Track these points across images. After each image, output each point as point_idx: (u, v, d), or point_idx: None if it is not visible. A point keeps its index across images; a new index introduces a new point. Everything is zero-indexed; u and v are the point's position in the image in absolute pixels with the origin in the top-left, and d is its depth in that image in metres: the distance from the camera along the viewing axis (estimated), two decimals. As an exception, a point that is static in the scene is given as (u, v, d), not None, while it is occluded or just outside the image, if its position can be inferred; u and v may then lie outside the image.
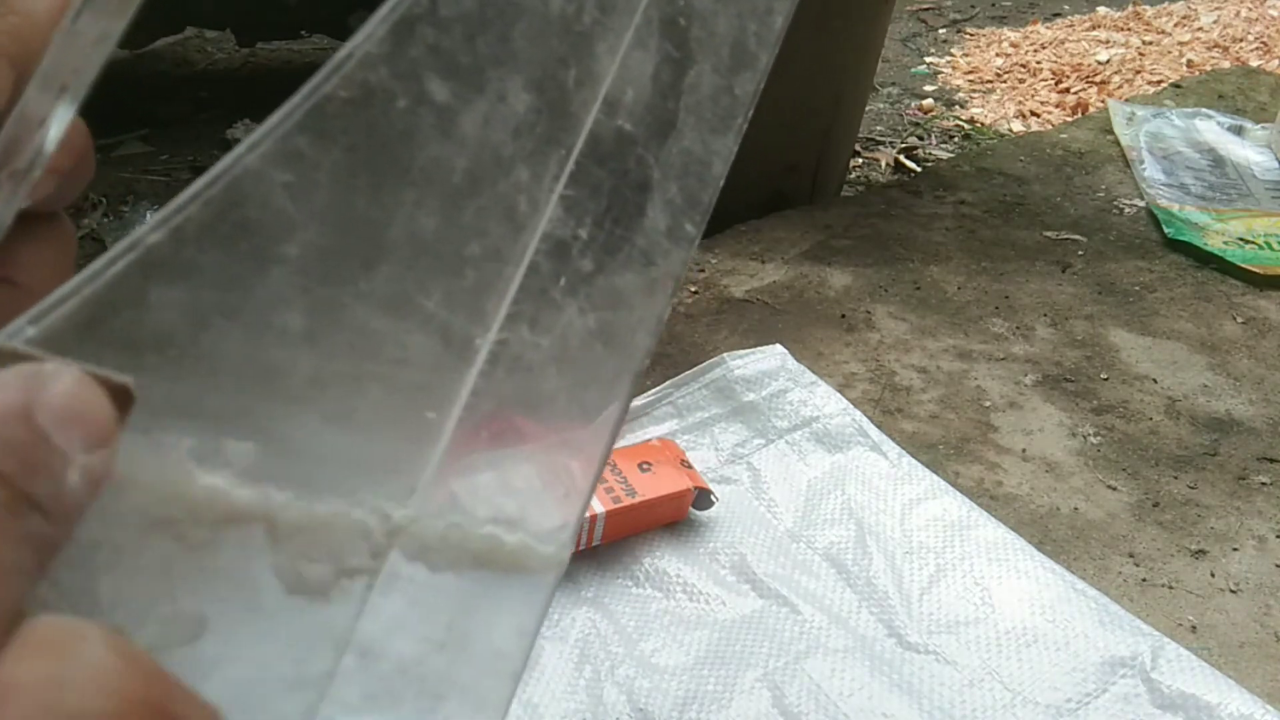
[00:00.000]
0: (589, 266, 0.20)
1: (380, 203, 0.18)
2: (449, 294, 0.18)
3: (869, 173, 1.53)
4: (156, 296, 0.16)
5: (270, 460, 0.17)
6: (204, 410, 0.16)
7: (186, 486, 0.16)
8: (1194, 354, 0.92)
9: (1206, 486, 0.76)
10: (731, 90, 0.22)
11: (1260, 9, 2.08)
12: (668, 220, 0.21)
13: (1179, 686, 0.57)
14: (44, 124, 0.17)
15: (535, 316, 0.20)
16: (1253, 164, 1.30)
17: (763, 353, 0.82)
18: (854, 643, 0.60)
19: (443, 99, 0.18)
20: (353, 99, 0.17)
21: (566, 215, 0.20)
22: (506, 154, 0.19)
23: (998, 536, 0.68)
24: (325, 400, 0.18)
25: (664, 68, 0.21)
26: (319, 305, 0.17)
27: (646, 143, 0.21)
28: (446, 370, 0.19)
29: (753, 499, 0.71)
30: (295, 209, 0.17)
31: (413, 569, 0.18)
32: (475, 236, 0.19)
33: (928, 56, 2.01)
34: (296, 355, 0.17)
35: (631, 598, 0.63)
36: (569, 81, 0.20)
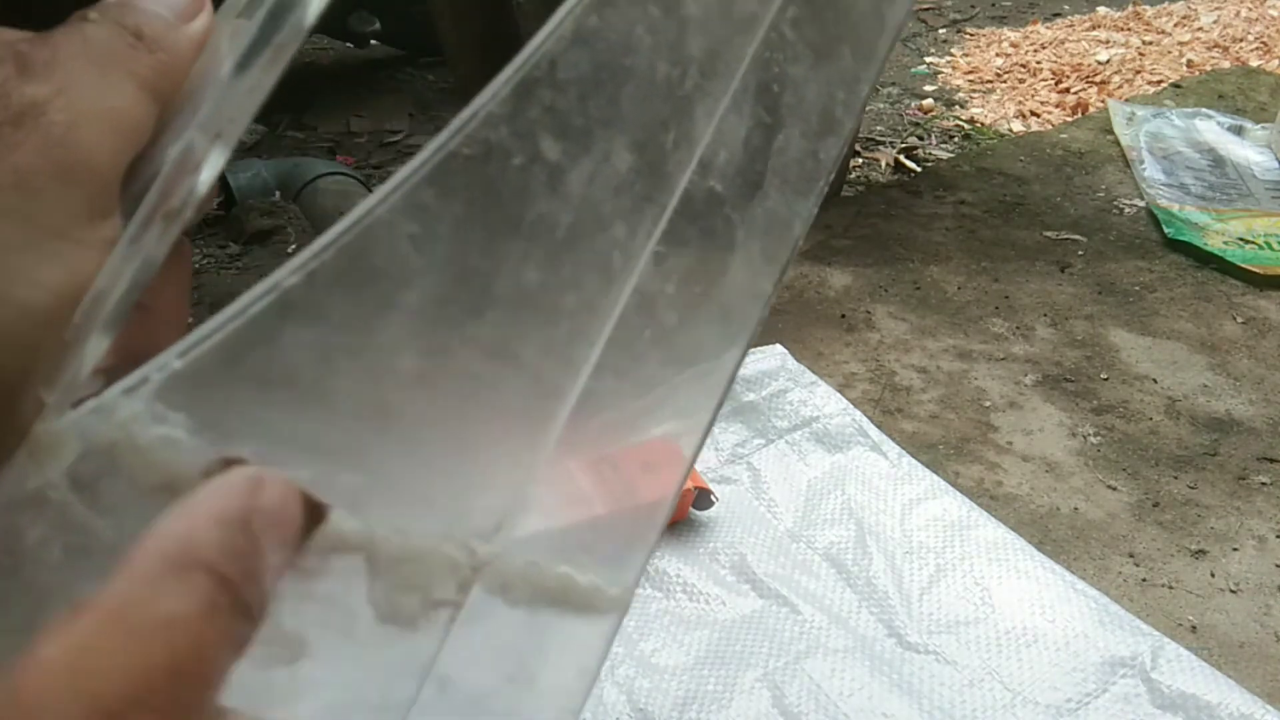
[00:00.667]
0: (673, 320, 0.21)
1: (491, 254, 0.18)
2: (545, 343, 0.19)
3: (869, 173, 1.53)
4: (289, 336, 0.17)
5: (376, 494, 0.18)
6: (322, 444, 0.17)
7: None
8: (1194, 354, 0.92)
9: (1206, 486, 0.76)
10: (816, 155, 0.23)
11: (1260, 9, 2.09)
12: (747, 278, 0.22)
13: (1179, 686, 0.57)
14: (199, 169, 0.17)
15: (621, 366, 0.20)
16: (1253, 164, 1.30)
17: (763, 353, 0.82)
18: (854, 643, 0.60)
19: (554, 158, 0.19)
20: (474, 156, 0.18)
21: (656, 270, 0.21)
22: (606, 211, 0.20)
23: (998, 536, 0.68)
24: (430, 439, 0.19)
25: (756, 132, 0.22)
26: (430, 349, 0.18)
27: (734, 203, 0.22)
28: (537, 415, 0.19)
29: (753, 499, 0.71)
30: (417, 258, 0.17)
31: (492, 604, 0.19)
32: (572, 289, 0.19)
33: (928, 56, 2.01)
34: (408, 395, 0.18)
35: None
36: (668, 143, 0.20)
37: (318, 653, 0.17)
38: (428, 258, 0.18)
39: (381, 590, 0.18)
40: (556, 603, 0.20)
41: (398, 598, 0.18)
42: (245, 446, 0.16)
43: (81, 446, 0.16)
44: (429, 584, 0.18)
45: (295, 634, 0.17)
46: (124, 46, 0.18)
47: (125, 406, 0.15)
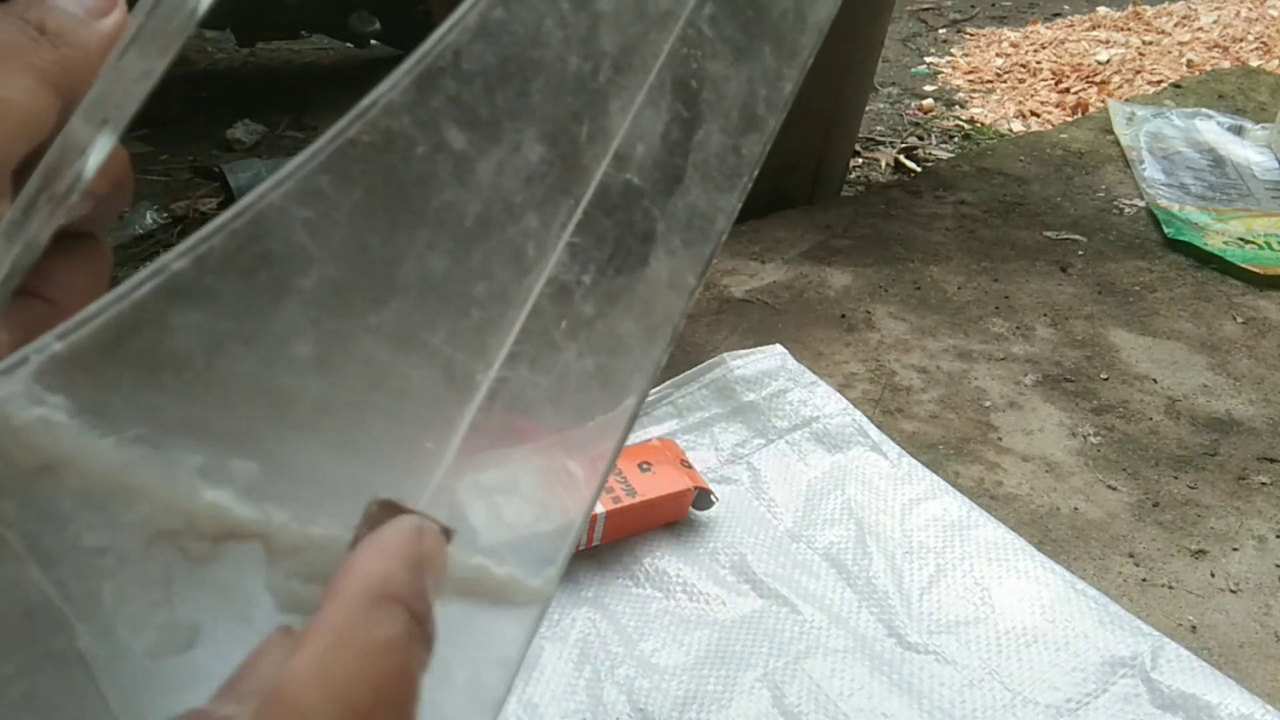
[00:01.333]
0: (590, 311, 0.21)
1: (394, 242, 0.18)
2: (454, 331, 0.19)
3: (869, 173, 1.53)
4: (177, 320, 0.16)
5: (273, 481, 0.18)
6: (214, 430, 0.17)
7: (191, 501, 0.17)
8: (1194, 354, 0.92)
9: (1206, 486, 0.76)
10: (739, 150, 0.23)
11: (1260, 9, 2.08)
12: (669, 271, 0.22)
13: (1179, 686, 0.57)
14: (85, 153, 0.17)
15: (536, 356, 0.20)
16: (1253, 164, 1.30)
17: (763, 353, 0.82)
18: (854, 643, 0.60)
19: (460, 147, 0.19)
20: (374, 144, 0.18)
21: (572, 261, 0.20)
22: (517, 201, 0.20)
23: (998, 536, 0.68)
24: (330, 427, 0.18)
25: (674, 126, 0.22)
26: (329, 336, 0.18)
27: (653, 196, 0.22)
28: (447, 404, 0.19)
29: (753, 499, 0.71)
30: (314, 244, 0.17)
31: None
32: (483, 278, 0.19)
33: (928, 56, 2.01)
34: (305, 383, 0.18)
35: (631, 598, 0.63)
36: (582, 136, 0.20)
37: (212, 640, 0.17)
38: (325, 244, 0.17)
39: (280, 578, 0.18)
40: (471, 594, 0.20)
41: (297, 586, 0.18)
42: (130, 430, 0.16)
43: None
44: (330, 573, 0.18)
45: (188, 621, 0.17)
46: (25, 40, 0.18)
47: (1, 387, 0.15)
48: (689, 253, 0.22)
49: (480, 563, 0.20)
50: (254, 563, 0.17)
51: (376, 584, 0.16)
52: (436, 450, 0.19)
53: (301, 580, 0.18)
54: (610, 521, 0.64)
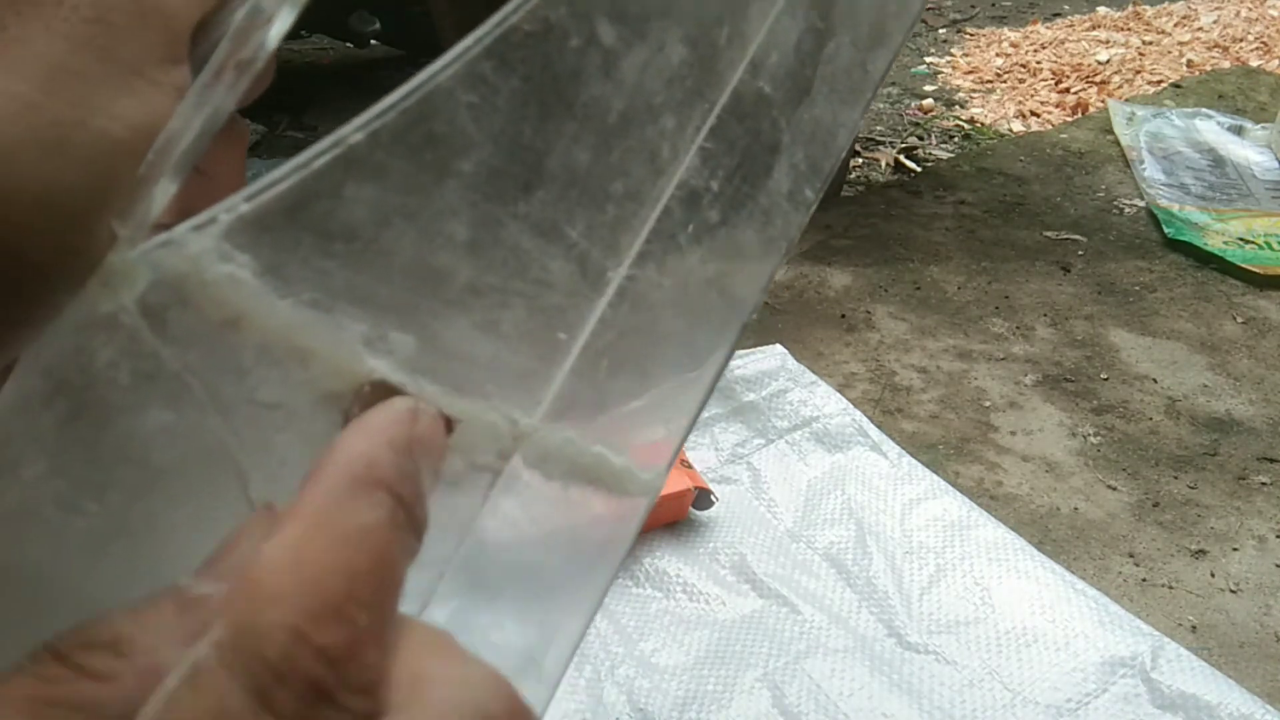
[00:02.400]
0: (715, 218, 0.21)
1: (545, 133, 0.19)
2: (591, 226, 0.20)
3: (869, 173, 1.53)
4: (351, 191, 0.17)
5: (425, 354, 0.18)
6: (377, 300, 0.18)
7: (355, 366, 0.18)
8: (1194, 354, 0.92)
9: (1206, 486, 0.76)
10: (865, 66, 0.23)
11: (1260, 9, 2.09)
12: (790, 183, 0.23)
13: (1179, 686, 0.57)
14: (270, 23, 0.18)
15: (663, 258, 0.21)
16: (1253, 164, 1.30)
17: (763, 353, 0.82)
18: (854, 643, 0.60)
19: (610, 42, 0.19)
20: (534, 33, 0.18)
21: (703, 166, 0.21)
22: (657, 101, 0.20)
23: (998, 536, 0.68)
24: (477, 308, 0.19)
25: (807, 37, 0.22)
26: (483, 220, 0.19)
27: (782, 107, 0.22)
28: (580, 297, 0.20)
29: (753, 499, 0.71)
30: (475, 129, 0.18)
31: (530, 474, 0.20)
32: (620, 175, 0.20)
33: (928, 56, 2.01)
34: (459, 263, 0.19)
35: (631, 598, 0.63)
36: (721, 39, 0.21)
37: None
38: (484, 129, 0.18)
39: None
40: (591, 479, 0.20)
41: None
42: (305, 293, 0.17)
43: (152, 277, 0.16)
44: (473, 448, 0.19)
45: None
46: None
47: (195, 242, 0.16)
48: (809, 166, 0.23)
49: (600, 451, 0.21)
50: None
51: (359, 466, 0.15)
52: (568, 340, 0.20)
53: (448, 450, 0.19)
54: (610, 521, 0.64)
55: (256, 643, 0.14)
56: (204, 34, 0.18)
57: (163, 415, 0.17)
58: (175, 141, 0.17)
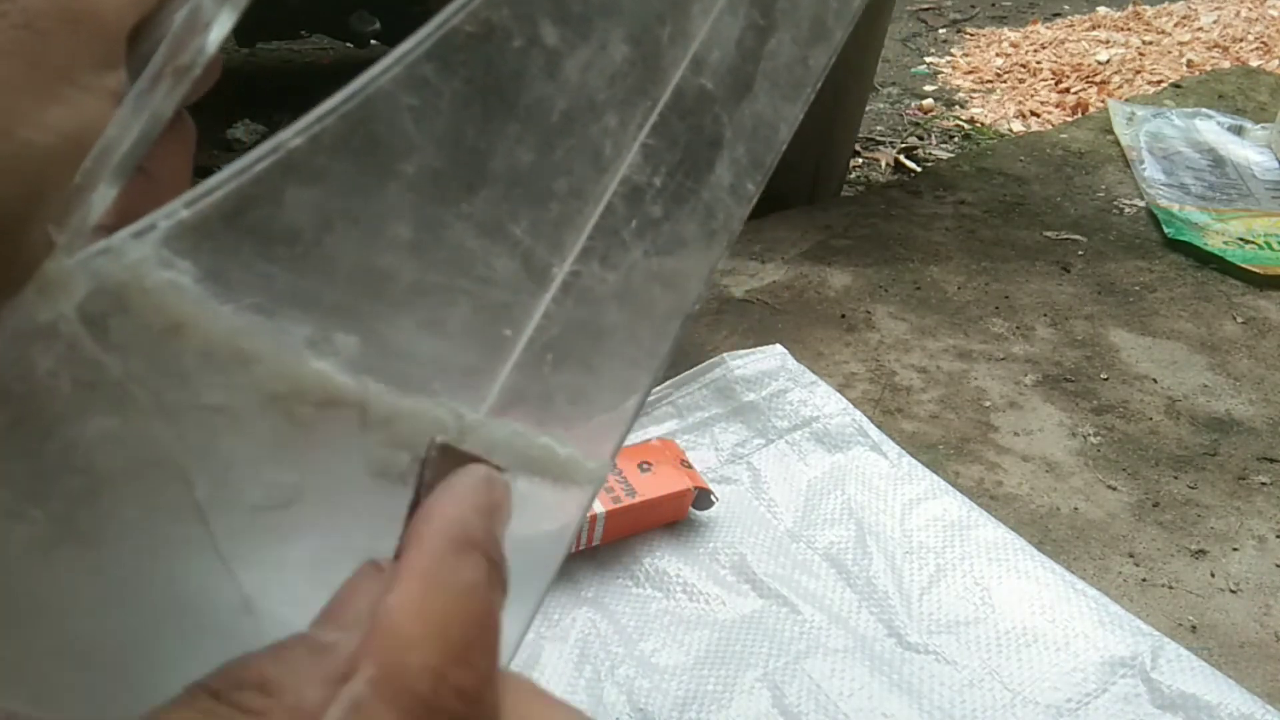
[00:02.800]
0: (658, 212, 0.22)
1: (488, 134, 0.19)
2: (535, 223, 0.20)
3: (869, 173, 1.53)
4: (292, 195, 0.17)
5: (370, 354, 0.19)
6: (320, 303, 0.18)
7: (299, 368, 0.18)
8: (1194, 354, 0.92)
9: (1206, 486, 0.76)
10: (806, 61, 0.24)
11: (1260, 9, 2.09)
12: (732, 177, 0.23)
13: (1179, 686, 0.57)
14: (208, 28, 0.18)
15: (606, 253, 0.21)
16: (1253, 164, 1.30)
17: (763, 353, 0.82)
18: (854, 643, 0.60)
19: (552, 43, 0.19)
20: (475, 34, 0.18)
21: (645, 163, 0.21)
22: (600, 99, 0.20)
23: (998, 536, 0.68)
24: (422, 307, 0.19)
25: (749, 33, 0.22)
26: (426, 221, 0.19)
27: (724, 102, 0.22)
28: (525, 293, 0.20)
29: (753, 499, 0.71)
30: (417, 131, 0.18)
31: None
32: (564, 173, 0.20)
33: (928, 56, 2.01)
34: (402, 263, 0.19)
35: (631, 598, 0.63)
36: (664, 37, 0.21)
37: (311, 498, 0.19)
38: (426, 131, 0.18)
39: (373, 444, 0.19)
40: (537, 470, 0.21)
41: (388, 453, 0.19)
42: (246, 298, 0.17)
43: (91, 285, 0.16)
44: (419, 443, 0.19)
45: (291, 480, 0.18)
46: None
47: (134, 249, 0.16)
48: (751, 160, 0.23)
49: (546, 443, 0.21)
50: (351, 430, 0.19)
51: (456, 529, 0.17)
52: (513, 336, 0.20)
53: (391, 447, 0.19)
54: (610, 521, 0.64)
55: (407, 680, 0.15)
56: (144, 34, 0.18)
57: (106, 422, 0.17)
58: (113, 147, 0.17)
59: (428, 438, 0.19)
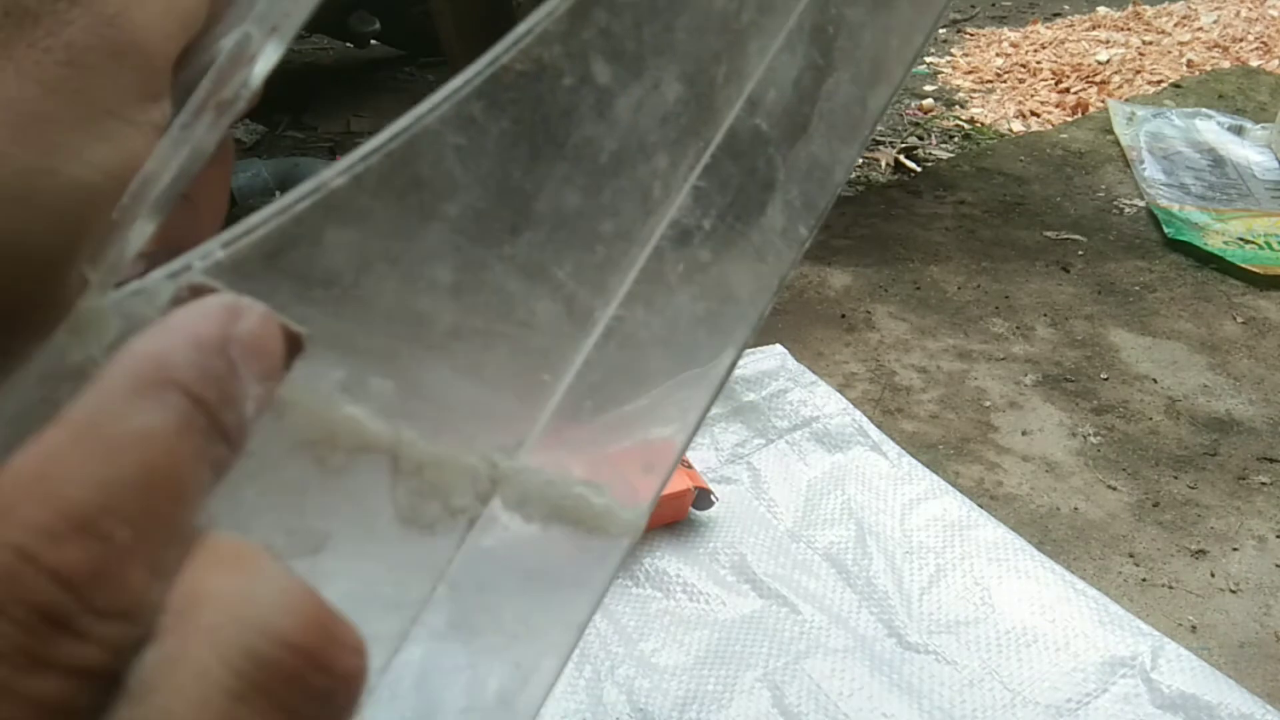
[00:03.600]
0: (707, 256, 0.21)
1: (534, 174, 0.19)
2: (579, 267, 0.20)
3: (869, 173, 1.53)
4: (332, 236, 0.17)
5: (404, 400, 0.18)
6: (356, 346, 0.18)
7: (333, 413, 0.17)
8: (1194, 354, 0.92)
9: (1206, 486, 0.76)
10: (864, 102, 0.23)
11: (1260, 9, 2.09)
12: (785, 220, 0.22)
13: (1179, 686, 0.57)
14: (253, 61, 0.17)
15: (652, 298, 0.21)
16: (1253, 164, 1.30)
17: (763, 353, 0.82)
18: (854, 643, 0.60)
19: (604, 81, 0.19)
20: (526, 72, 0.18)
21: (695, 205, 0.21)
22: (651, 140, 0.20)
23: (998, 536, 0.68)
24: (459, 352, 0.19)
25: (807, 73, 0.22)
26: (467, 263, 0.18)
27: (779, 144, 0.22)
28: (566, 338, 0.20)
29: (753, 499, 0.71)
30: (462, 171, 0.18)
31: (509, 516, 0.20)
32: (611, 215, 0.20)
33: (928, 56, 2.01)
34: (442, 307, 0.18)
35: (631, 598, 0.63)
36: (719, 76, 0.21)
37: (338, 546, 0.18)
38: (472, 171, 0.18)
39: (403, 492, 0.18)
40: (571, 521, 0.20)
41: (418, 501, 0.18)
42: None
43: (123, 325, 0.16)
44: (449, 491, 0.19)
45: (318, 527, 0.18)
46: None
47: (168, 289, 0.16)
48: (804, 203, 0.23)
49: (581, 493, 0.21)
50: (381, 475, 0.18)
51: (147, 366, 0.14)
52: (552, 382, 0.20)
53: (422, 496, 0.18)
54: (610, 521, 0.64)
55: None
56: (188, 60, 0.18)
57: None
58: (152, 183, 0.17)
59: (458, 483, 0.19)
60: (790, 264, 0.23)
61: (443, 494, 0.19)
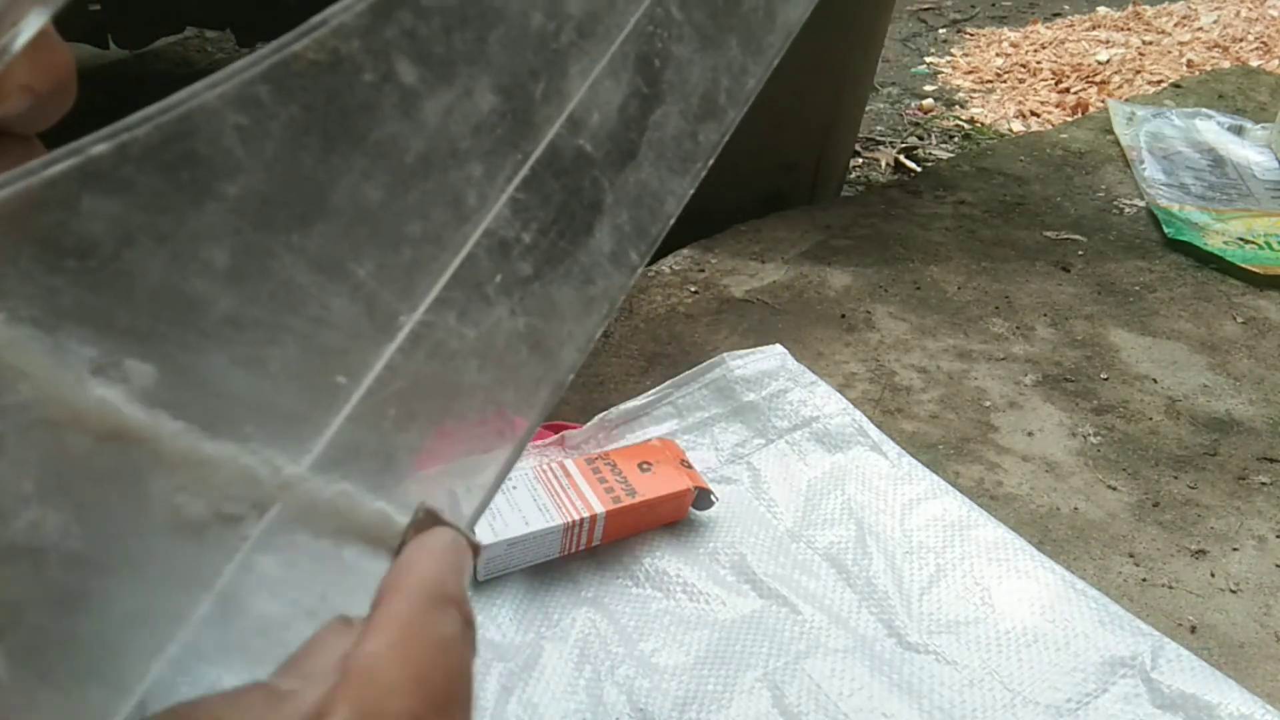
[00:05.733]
0: (528, 270, 0.21)
1: (328, 165, 0.18)
2: (382, 266, 0.19)
3: (869, 173, 1.53)
4: (89, 205, 0.16)
5: (170, 388, 0.17)
6: (113, 325, 0.16)
7: (77, 393, 0.16)
8: (1194, 354, 0.92)
9: (1206, 486, 0.76)
10: (695, 136, 0.23)
11: (1260, 9, 2.09)
12: (613, 244, 0.22)
13: (1179, 686, 0.57)
14: (16, 26, 0.16)
15: (465, 307, 0.20)
16: (1253, 164, 1.30)
17: (763, 353, 0.82)
18: (854, 643, 0.60)
19: (409, 82, 0.18)
20: (319, 62, 0.17)
21: (514, 217, 0.20)
22: (463, 147, 0.19)
23: (998, 536, 0.68)
24: (238, 342, 0.18)
25: (632, 101, 0.22)
26: (249, 249, 0.17)
27: (604, 167, 0.22)
28: (366, 340, 0.19)
29: (753, 499, 0.71)
30: (243, 152, 0.17)
31: (294, 530, 0.18)
32: (418, 218, 0.19)
33: (928, 56, 2.01)
34: (217, 291, 0.17)
35: (631, 598, 0.63)
36: (537, 93, 0.20)
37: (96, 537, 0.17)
38: (255, 154, 0.17)
39: (165, 490, 0.17)
40: (370, 540, 0.19)
41: (183, 501, 0.17)
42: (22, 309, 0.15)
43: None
44: (222, 494, 0.17)
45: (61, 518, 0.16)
46: None
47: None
48: (635, 229, 0.22)
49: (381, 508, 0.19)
50: (139, 470, 0.17)
51: (433, 585, 0.17)
52: (348, 385, 0.19)
53: (188, 495, 0.17)
54: (610, 521, 0.64)
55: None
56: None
57: None
58: None
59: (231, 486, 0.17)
60: (620, 288, 0.22)
61: (214, 496, 0.17)
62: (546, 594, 0.63)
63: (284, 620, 0.19)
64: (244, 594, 0.18)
